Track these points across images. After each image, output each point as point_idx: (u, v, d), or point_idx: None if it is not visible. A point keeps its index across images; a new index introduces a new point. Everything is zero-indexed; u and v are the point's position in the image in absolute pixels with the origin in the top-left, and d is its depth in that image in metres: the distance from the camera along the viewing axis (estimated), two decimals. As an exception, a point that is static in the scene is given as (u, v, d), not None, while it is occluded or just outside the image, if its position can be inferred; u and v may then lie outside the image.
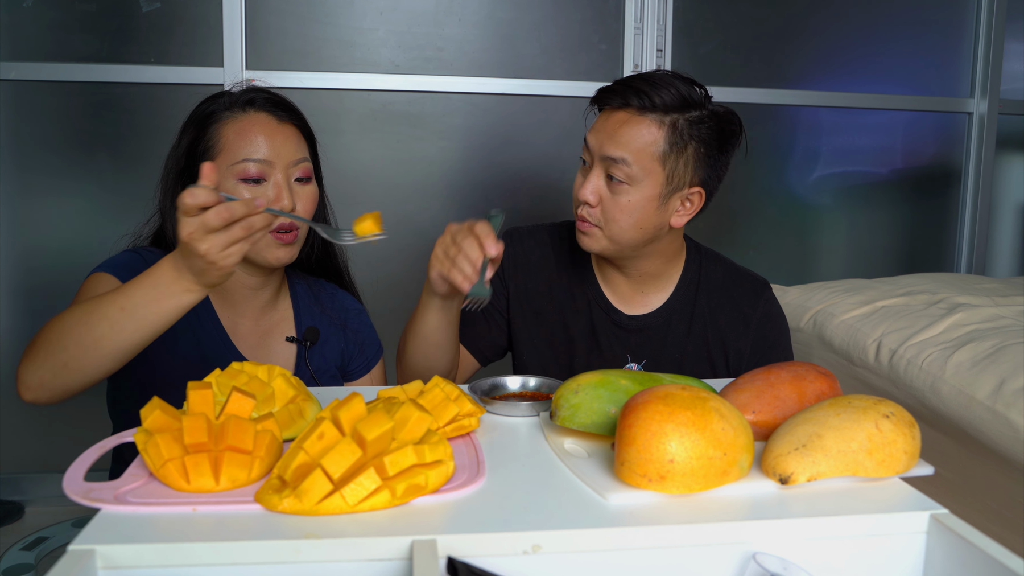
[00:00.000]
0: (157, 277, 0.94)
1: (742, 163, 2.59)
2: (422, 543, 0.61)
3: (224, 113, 1.20)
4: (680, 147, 1.21)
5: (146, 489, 0.69)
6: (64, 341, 0.97)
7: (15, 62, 2.13)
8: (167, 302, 0.94)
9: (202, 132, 1.20)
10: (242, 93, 1.23)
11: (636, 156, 1.20)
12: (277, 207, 1.17)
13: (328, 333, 1.34)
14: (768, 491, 0.72)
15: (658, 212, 1.23)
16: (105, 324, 0.95)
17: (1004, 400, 1.29)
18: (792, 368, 0.87)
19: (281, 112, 1.22)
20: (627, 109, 1.21)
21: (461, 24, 2.32)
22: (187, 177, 1.22)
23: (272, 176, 1.18)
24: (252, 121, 1.19)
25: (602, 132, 1.22)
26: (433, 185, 2.37)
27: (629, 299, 1.35)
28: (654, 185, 1.21)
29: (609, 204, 1.22)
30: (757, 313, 1.34)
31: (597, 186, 1.23)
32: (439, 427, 0.82)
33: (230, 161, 1.17)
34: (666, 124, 1.20)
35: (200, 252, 0.89)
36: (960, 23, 2.65)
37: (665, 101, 1.20)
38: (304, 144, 1.24)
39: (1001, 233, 2.84)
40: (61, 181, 2.22)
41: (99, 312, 0.95)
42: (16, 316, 2.25)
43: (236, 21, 2.18)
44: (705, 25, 2.46)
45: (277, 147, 1.18)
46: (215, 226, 0.88)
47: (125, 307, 0.94)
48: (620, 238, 1.24)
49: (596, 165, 1.23)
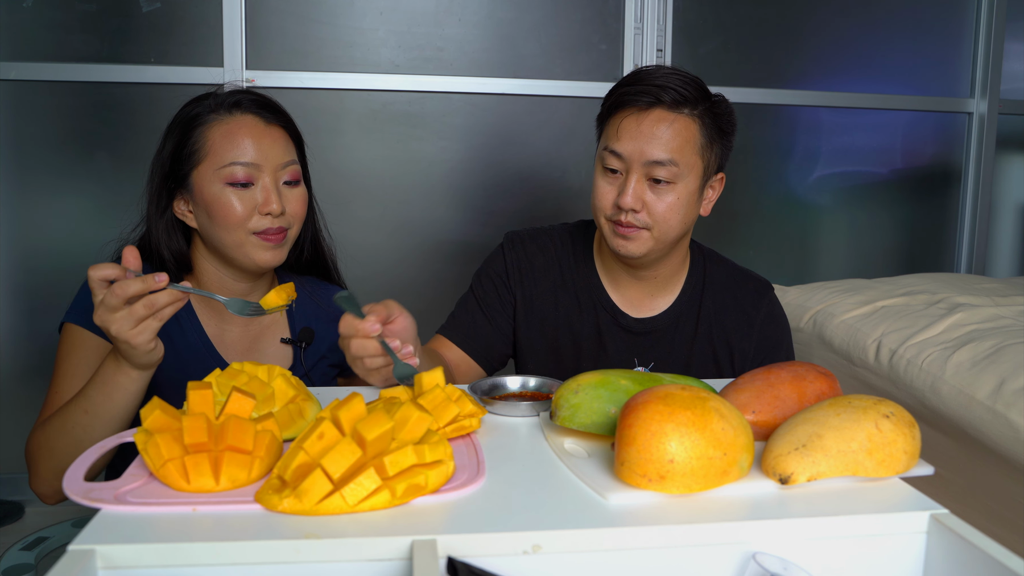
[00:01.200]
0: (104, 374, 1.01)
1: (742, 163, 2.58)
2: (422, 543, 0.61)
3: (210, 116, 1.18)
4: (712, 138, 1.22)
5: (146, 489, 0.69)
6: (53, 453, 1.05)
7: (15, 62, 2.13)
8: (117, 395, 1.01)
9: (187, 135, 1.18)
10: (228, 95, 1.21)
11: (680, 154, 1.19)
12: (266, 211, 1.17)
13: (323, 330, 1.34)
14: (768, 491, 0.72)
15: (697, 204, 1.25)
16: (78, 430, 1.03)
17: (1004, 400, 1.29)
18: (792, 368, 0.87)
19: (268, 114, 1.20)
20: (659, 107, 1.19)
21: (461, 24, 2.32)
22: (172, 182, 1.20)
23: (260, 180, 1.17)
24: (239, 124, 1.18)
25: (638, 136, 1.18)
26: (433, 185, 2.37)
27: (637, 303, 1.34)
28: (695, 179, 1.22)
29: (655, 206, 1.20)
30: (761, 314, 1.34)
31: (639, 192, 1.20)
32: (440, 427, 0.82)
33: (217, 165, 1.16)
34: (696, 117, 1.20)
35: (112, 333, 0.94)
36: (960, 23, 2.65)
37: (692, 94, 1.19)
38: (292, 146, 1.23)
39: (1001, 233, 2.84)
40: (61, 181, 2.22)
41: (69, 421, 1.03)
42: (16, 316, 2.25)
43: (236, 21, 2.18)
44: (705, 25, 2.46)
45: (265, 150, 1.17)
46: (113, 304, 0.92)
47: (88, 410, 1.02)
48: (667, 236, 1.23)
49: (634, 171, 1.19)
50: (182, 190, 1.20)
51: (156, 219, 1.22)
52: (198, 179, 1.17)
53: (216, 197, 1.16)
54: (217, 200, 1.16)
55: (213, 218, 1.17)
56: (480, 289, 1.36)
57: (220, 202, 1.16)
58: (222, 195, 1.16)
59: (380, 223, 2.33)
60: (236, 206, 1.16)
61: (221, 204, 1.16)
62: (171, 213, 1.22)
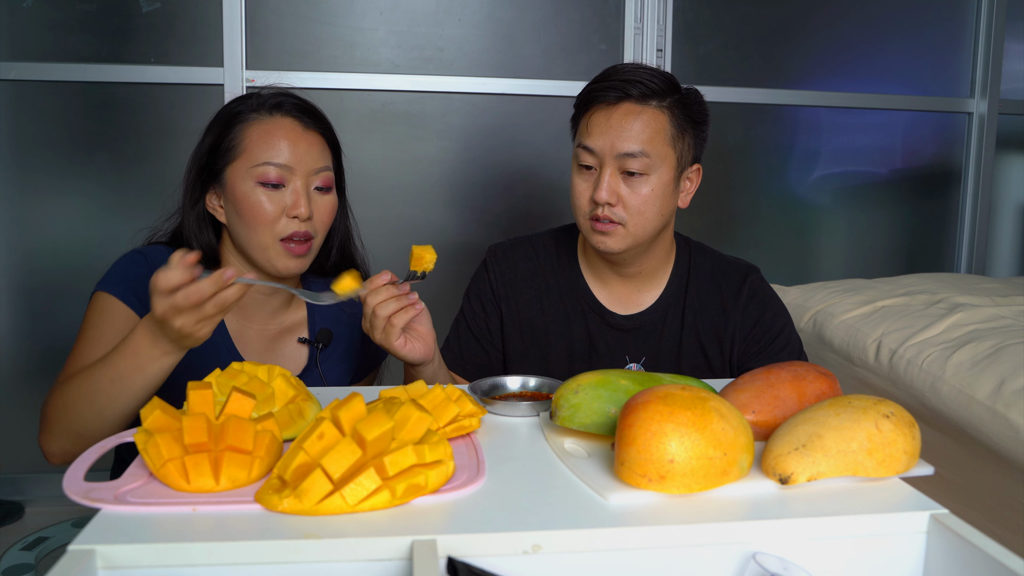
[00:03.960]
0: (136, 346, 0.98)
1: (742, 163, 2.58)
2: (422, 543, 0.61)
3: (250, 115, 1.20)
4: (683, 128, 1.24)
5: (146, 489, 0.69)
6: (71, 415, 1.03)
7: (15, 62, 2.13)
8: (149, 368, 0.99)
9: (226, 131, 1.20)
10: (271, 96, 1.22)
11: (650, 145, 1.21)
12: (293, 214, 1.17)
13: (344, 335, 1.34)
14: (768, 491, 0.72)
15: (673, 195, 1.26)
16: (102, 397, 1.00)
17: (1004, 400, 1.29)
18: (792, 368, 0.87)
19: (307, 119, 1.22)
20: (628, 101, 1.22)
21: (461, 24, 2.32)
22: (207, 175, 1.21)
23: (292, 182, 1.18)
24: (277, 125, 1.19)
25: (607, 130, 1.21)
26: (433, 185, 2.37)
27: (623, 299, 1.35)
28: (668, 170, 1.23)
29: (630, 199, 1.22)
30: (743, 296, 1.33)
31: (613, 185, 1.22)
32: (440, 427, 0.82)
33: (251, 163, 1.17)
34: (665, 108, 1.23)
35: (175, 327, 0.93)
36: (960, 23, 2.65)
37: (660, 86, 1.22)
38: (328, 153, 1.24)
39: (1001, 233, 2.84)
40: (61, 181, 2.22)
41: (93, 386, 1.01)
42: (16, 316, 2.25)
43: (236, 21, 2.18)
44: (705, 25, 2.46)
45: (300, 154, 1.18)
46: (184, 307, 0.91)
47: (114, 379, 1.00)
48: (644, 229, 1.24)
49: (607, 164, 1.22)
50: (216, 184, 1.21)
51: (188, 210, 1.23)
52: (232, 175, 1.18)
53: (247, 195, 1.17)
54: (247, 198, 1.17)
55: (242, 216, 1.18)
56: (469, 311, 1.38)
57: (250, 201, 1.17)
58: (253, 194, 1.17)
59: (379, 223, 2.33)
60: (265, 206, 1.17)
61: (251, 203, 1.17)
62: (203, 206, 1.23)
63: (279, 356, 1.28)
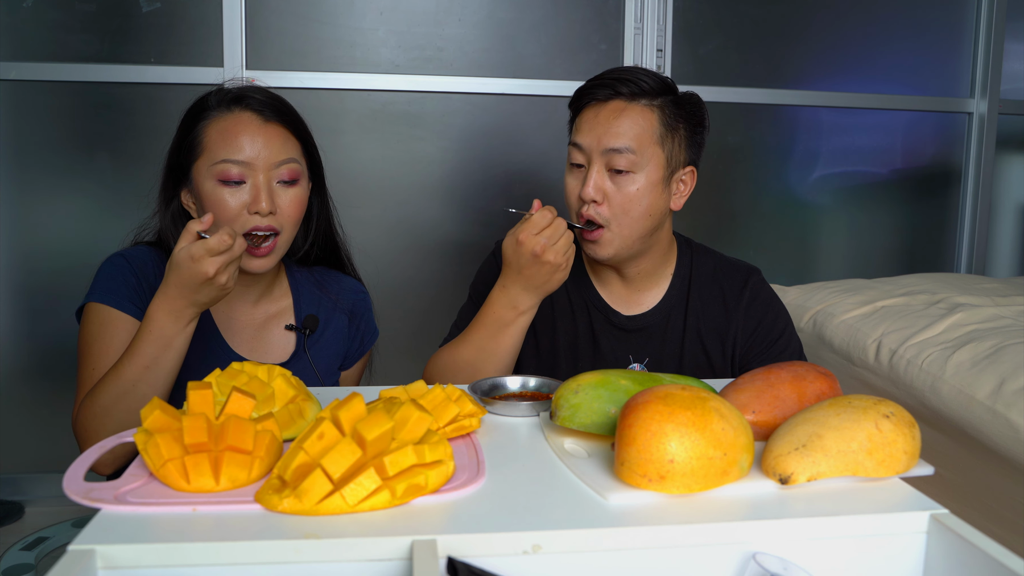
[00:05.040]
0: (158, 329, 1.04)
1: (742, 163, 2.58)
2: (422, 543, 0.61)
3: (212, 111, 1.19)
4: (673, 128, 1.25)
5: (146, 489, 0.69)
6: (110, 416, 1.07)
7: (15, 62, 2.14)
8: (177, 341, 1.06)
9: (190, 129, 1.20)
10: (233, 90, 1.21)
11: (637, 142, 1.21)
12: (254, 210, 1.17)
13: (331, 319, 1.34)
14: (768, 491, 0.72)
15: (663, 196, 1.26)
16: (142, 386, 1.05)
17: (1004, 400, 1.29)
18: (792, 368, 0.87)
19: (269, 112, 1.20)
20: (617, 99, 1.23)
21: (461, 24, 2.32)
22: (179, 173, 1.21)
23: (253, 178, 1.17)
24: (236, 120, 1.18)
25: (596, 127, 1.23)
26: (433, 185, 2.37)
27: (626, 300, 1.35)
28: (657, 168, 1.23)
29: (617, 197, 1.22)
30: (745, 298, 1.33)
31: (600, 182, 1.22)
32: (440, 427, 0.82)
33: (211, 161, 1.16)
34: (655, 108, 1.23)
35: (221, 283, 1.02)
36: (960, 23, 2.65)
37: (651, 86, 1.23)
38: (293, 145, 1.22)
39: (1001, 233, 2.84)
40: (61, 181, 2.22)
41: (128, 381, 1.05)
42: (16, 316, 2.25)
43: (236, 21, 2.18)
44: (705, 25, 2.46)
45: (259, 148, 1.17)
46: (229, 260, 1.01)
47: (148, 365, 1.05)
48: (631, 231, 1.24)
49: (595, 161, 1.23)
50: (186, 181, 1.22)
51: (163, 209, 1.24)
52: (196, 173, 1.19)
53: (209, 193, 1.17)
54: (210, 197, 1.17)
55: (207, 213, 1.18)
56: (478, 296, 1.38)
57: (212, 199, 1.17)
58: (215, 192, 1.16)
59: (380, 223, 2.33)
60: (227, 203, 1.16)
61: (213, 201, 1.17)
62: (177, 203, 1.24)
63: (267, 344, 1.28)
